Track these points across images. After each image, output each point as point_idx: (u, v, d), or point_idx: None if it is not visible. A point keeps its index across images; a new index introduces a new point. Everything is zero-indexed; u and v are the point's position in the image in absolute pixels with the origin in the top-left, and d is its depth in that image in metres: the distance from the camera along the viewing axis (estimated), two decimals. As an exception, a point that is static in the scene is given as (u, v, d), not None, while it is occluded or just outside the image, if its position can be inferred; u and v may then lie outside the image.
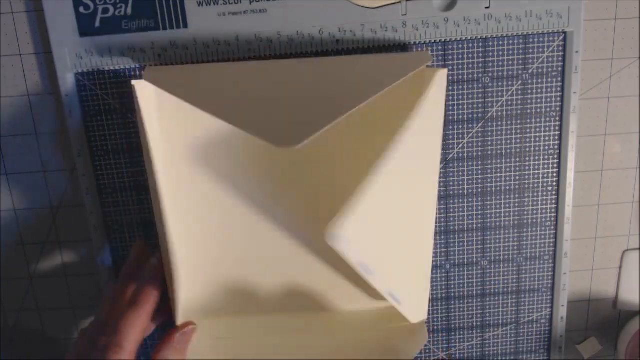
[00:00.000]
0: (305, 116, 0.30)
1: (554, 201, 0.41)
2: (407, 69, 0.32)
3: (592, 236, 0.43)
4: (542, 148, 0.40)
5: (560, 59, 0.38)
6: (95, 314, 0.35)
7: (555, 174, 0.40)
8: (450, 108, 0.39)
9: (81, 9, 0.36)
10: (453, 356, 0.44)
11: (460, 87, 0.39)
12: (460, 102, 0.39)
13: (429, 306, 0.40)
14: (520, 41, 0.38)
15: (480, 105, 0.39)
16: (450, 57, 0.38)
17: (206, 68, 0.35)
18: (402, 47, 0.37)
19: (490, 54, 0.38)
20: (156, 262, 0.36)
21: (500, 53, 0.38)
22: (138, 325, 0.33)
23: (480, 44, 0.38)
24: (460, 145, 0.40)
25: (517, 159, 0.40)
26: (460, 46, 0.38)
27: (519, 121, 0.39)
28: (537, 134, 0.40)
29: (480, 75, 0.38)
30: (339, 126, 0.29)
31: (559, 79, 0.39)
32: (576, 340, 0.45)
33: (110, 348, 0.32)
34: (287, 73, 0.34)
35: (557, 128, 0.40)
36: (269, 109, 0.31)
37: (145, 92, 0.33)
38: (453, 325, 0.43)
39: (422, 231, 0.36)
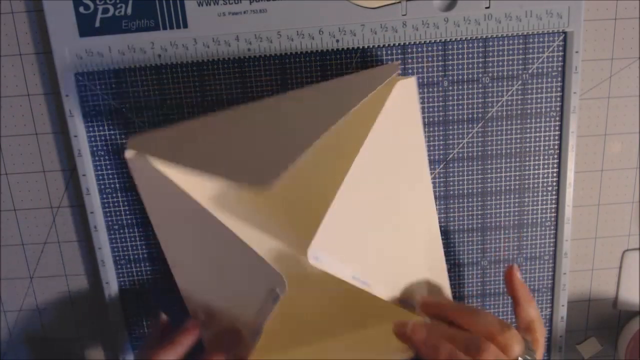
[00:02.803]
0: (274, 153, 0.30)
1: (554, 201, 0.41)
2: (375, 83, 0.32)
3: (592, 236, 0.43)
4: (542, 148, 0.40)
5: (560, 59, 0.38)
6: None
7: (555, 174, 0.40)
8: (450, 108, 0.39)
9: (81, 9, 0.36)
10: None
11: (460, 87, 0.39)
12: (460, 102, 0.39)
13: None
14: (520, 41, 0.38)
15: (480, 105, 0.39)
16: (450, 57, 0.38)
17: (184, 127, 0.35)
18: (402, 47, 0.38)
19: (490, 54, 0.38)
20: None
21: (500, 53, 0.38)
22: None
23: (480, 44, 0.38)
24: (460, 145, 0.40)
25: (517, 159, 0.40)
26: (460, 46, 0.38)
27: (519, 121, 0.39)
28: (537, 134, 0.40)
29: (480, 75, 0.38)
30: (315, 151, 0.29)
31: (559, 79, 0.39)
32: (576, 340, 0.45)
33: None
34: (259, 114, 0.33)
35: (557, 128, 0.40)
36: (242, 151, 0.31)
37: (138, 163, 0.34)
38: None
39: (424, 235, 0.36)
